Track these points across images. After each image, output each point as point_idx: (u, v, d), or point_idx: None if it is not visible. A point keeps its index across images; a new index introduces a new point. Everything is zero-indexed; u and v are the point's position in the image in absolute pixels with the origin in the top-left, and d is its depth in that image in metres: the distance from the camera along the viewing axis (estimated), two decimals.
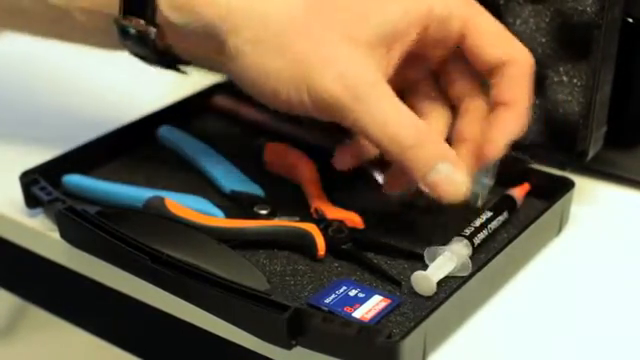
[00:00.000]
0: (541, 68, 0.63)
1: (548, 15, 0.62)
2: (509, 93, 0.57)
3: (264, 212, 0.61)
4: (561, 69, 0.63)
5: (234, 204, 0.63)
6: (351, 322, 0.50)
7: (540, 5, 0.62)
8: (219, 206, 0.62)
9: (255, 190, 0.64)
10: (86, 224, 0.58)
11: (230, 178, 0.66)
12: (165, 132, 0.72)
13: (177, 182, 0.67)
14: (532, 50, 0.63)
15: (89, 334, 0.69)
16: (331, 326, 0.49)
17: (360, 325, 0.50)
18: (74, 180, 0.65)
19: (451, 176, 0.54)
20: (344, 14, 0.56)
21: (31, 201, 0.63)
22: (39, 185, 0.62)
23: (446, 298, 0.51)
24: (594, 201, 0.64)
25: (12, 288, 0.74)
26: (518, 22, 0.63)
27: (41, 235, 0.63)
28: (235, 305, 0.51)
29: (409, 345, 0.48)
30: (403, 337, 0.48)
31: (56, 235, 0.60)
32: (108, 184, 0.64)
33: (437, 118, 0.60)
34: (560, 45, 0.63)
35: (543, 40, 0.63)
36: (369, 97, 0.54)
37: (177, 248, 0.55)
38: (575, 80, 0.62)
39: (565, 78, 0.63)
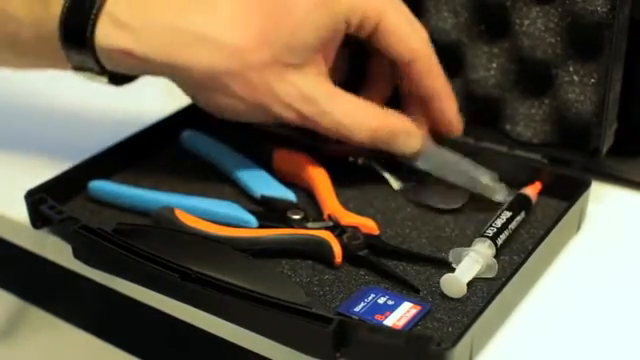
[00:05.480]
0: (551, 68, 0.64)
1: (556, 15, 0.63)
2: (423, 88, 0.63)
3: (297, 217, 0.61)
4: (571, 69, 0.63)
5: (266, 210, 0.62)
6: (398, 332, 0.50)
7: (547, 6, 0.63)
8: (251, 212, 0.61)
9: (287, 195, 0.63)
10: (105, 243, 0.56)
11: (260, 183, 0.64)
12: (188, 136, 0.70)
13: (204, 187, 0.66)
14: (541, 51, 0.64)
15: (89, 334, 0.68)
16: (378, 337, 0.48)
17: (408, 334, 0.49)
18: (99, 186, 0.64)
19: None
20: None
21: (38, 220, 0.61)
22: (47, 204, 0.60)
23: (489, 302, 0.51)
24: (604, 199, 0.65)
25: (12, 289, 0.73)
26: (526, 23, 0.64)
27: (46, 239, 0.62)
28: (276, 320, 0.50)
29: (459, 351, 0.48)
30: (454, 343, 0.47)
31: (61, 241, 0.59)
32: (136, 190, 0.63)
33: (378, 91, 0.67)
34: (570, 45, 0.63)
35: (552, 40, 0.63)
36: (327, 106, 0.60)
37: (203, 263, 0.54)
38: (586, 79, 0.63)
39: (576, 77, 0.63)
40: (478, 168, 0.64)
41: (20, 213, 0.62)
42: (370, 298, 0.55)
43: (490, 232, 0.59)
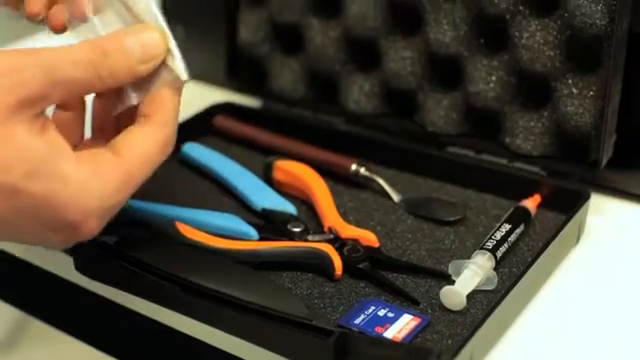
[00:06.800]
0: (550, 81, 0.65)
1: (555, 28, 0.63)
2: None
3: (298, 230, 0.61)
4: (570, 81, 0.64)
5: (266, 222, 0.63)
6: (399, 344, 0.50)
7: (547, 19, 0.63)
8: (252, 224, 0.61)
9: (287, 207, 0.63)
10: (106, 256, 0.56)
11: (261, 195, 0.65)
12: (188, 149, 0.71)
13: (205, 200, 0.66)
14: (540, 63, 0.64)
15: (90, 347, 0.68)
16: (378, 349, 0.49)
17: (408, 346, 0.49)
18: None
19: None
20: None
21: None
22: None
23: (488, 314, 0.51)
24: (603, 211, 0.65)
25: (13, 301, 0.73)
26: (526, 36, 0.64)
27: (48, 252, 0.62)
28: (277, 332, 0.50)
29: None
30: (454, 355, 0.48)
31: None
32: (139, 203, 0.63)
33: None
34: (569, 58, 0.64)
35: (552, 53, 0.64)
36: None
37: (204, 276, 0.54)
38: (585, 91, 0.63)
39: (575, 90, 0.63)
40: None
41: None
42: (370, 310, 0.55)
43: (490, 244, 0.59)
